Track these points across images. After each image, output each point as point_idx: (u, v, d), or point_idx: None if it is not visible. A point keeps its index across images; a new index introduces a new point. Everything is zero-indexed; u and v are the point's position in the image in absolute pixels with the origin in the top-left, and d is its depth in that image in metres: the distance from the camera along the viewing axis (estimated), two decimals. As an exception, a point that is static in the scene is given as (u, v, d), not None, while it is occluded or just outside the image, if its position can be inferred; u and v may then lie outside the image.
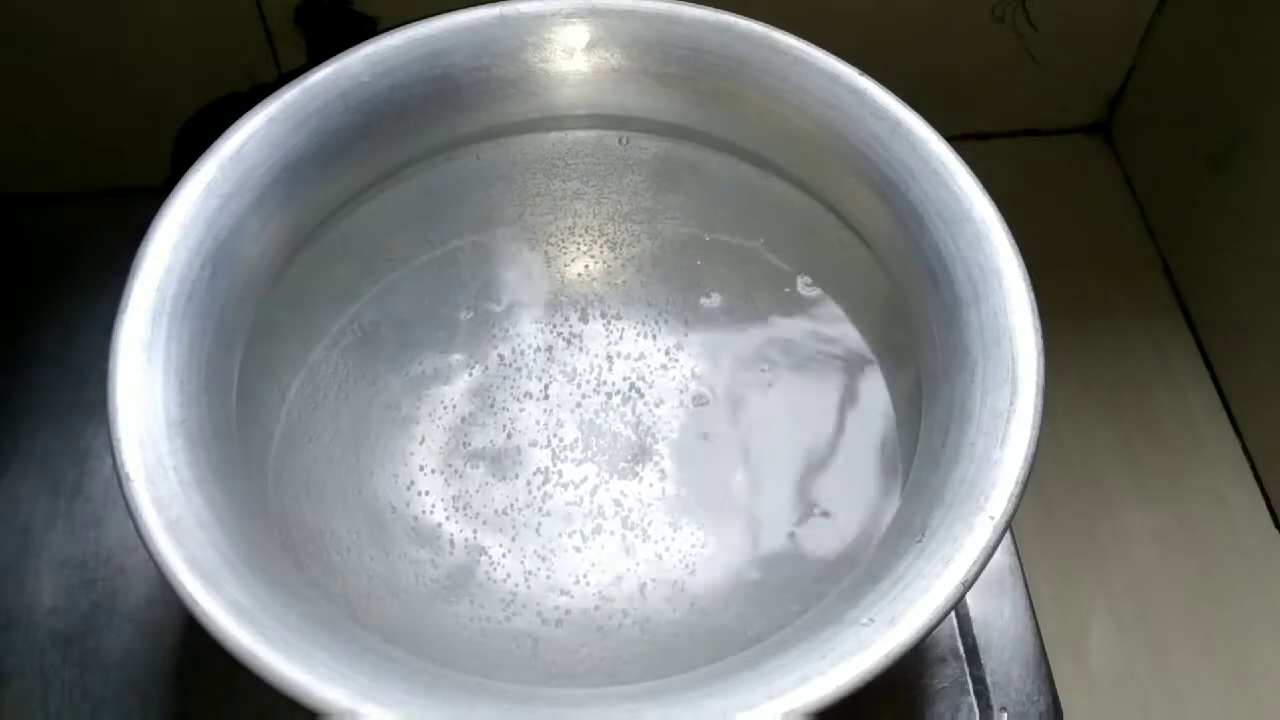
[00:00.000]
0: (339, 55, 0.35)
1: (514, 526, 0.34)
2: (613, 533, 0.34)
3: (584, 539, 0.34)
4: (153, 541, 0.26)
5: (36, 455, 0.41)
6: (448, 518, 0.34)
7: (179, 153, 0.52)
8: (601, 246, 0.40)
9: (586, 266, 0.40)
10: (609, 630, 0.32)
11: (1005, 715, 0.36)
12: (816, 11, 0.47)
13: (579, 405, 0.37)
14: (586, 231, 0.40)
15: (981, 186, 0.32)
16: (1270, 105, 0.57)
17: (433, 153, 0.38)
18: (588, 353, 0.38)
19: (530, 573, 0.33)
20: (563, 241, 0.40)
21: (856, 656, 0.25)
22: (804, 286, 0.38)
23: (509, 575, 0.33)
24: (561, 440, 0.36)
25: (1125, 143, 0.70)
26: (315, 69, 0.34)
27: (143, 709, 0.36)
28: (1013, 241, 0.31)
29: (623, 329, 0.38)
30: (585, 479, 0.35)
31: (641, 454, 0.36)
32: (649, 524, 0.35)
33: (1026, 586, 0.39)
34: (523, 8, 0.36)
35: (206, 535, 0.26)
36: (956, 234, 0.32)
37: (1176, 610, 0.57)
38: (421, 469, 0.35)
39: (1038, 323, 0.30)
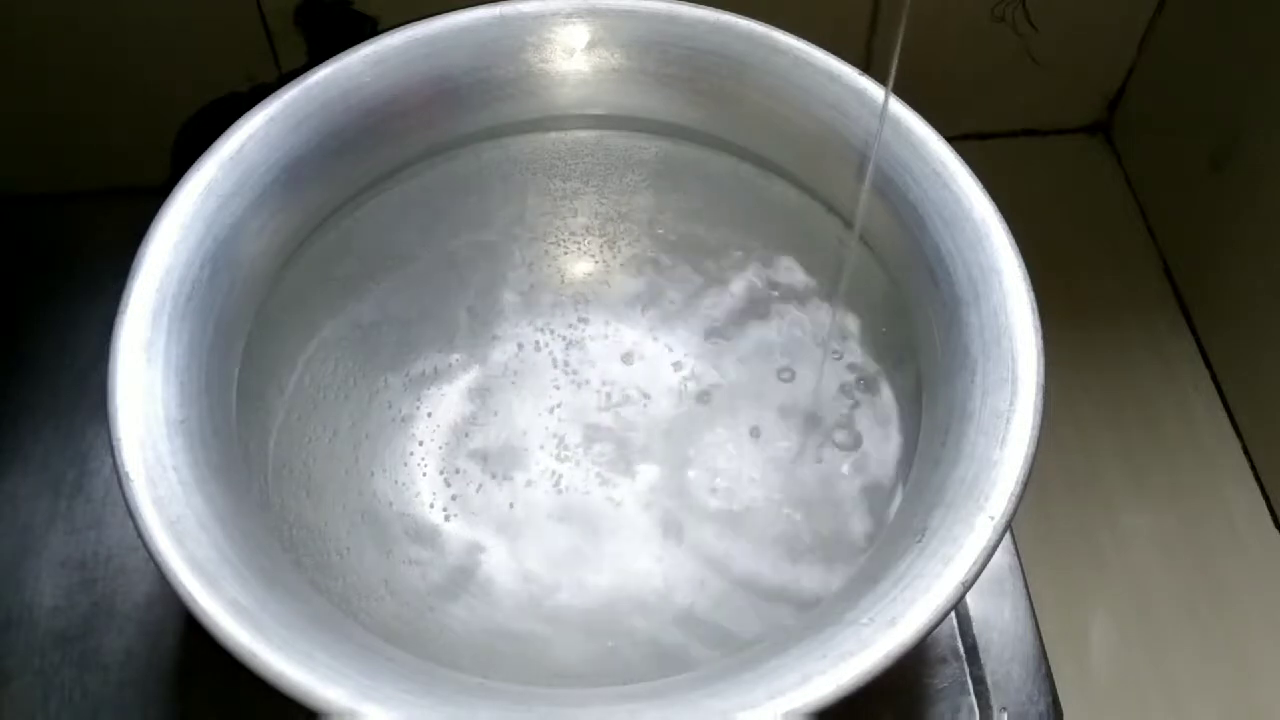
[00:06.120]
0: (339, 55, 0.35)
1: (514, 526, 0.34)
2: (612, 533, 0.34)
3: (583, 539, 0.34)
4: (153, 541, 0.26)
5: (36, 455, 0.41)
6: (448, 518, 0.34)
7: (179, 153, 0.52)
8: (601, 246, 0.40)
9: (586, 266, 0.40)
10: (609, 630, 0.32)
11: (1005, 715, 0.36)
12: (816, 11, 0.47)
13: (579, 405, 0.37)
14: (586, 231, 0.40)
15: (981, 186, 0.32)
16: (1270, 105, 0.57)
17: (433, 153, 0.38)
18: (588, 353, 0.38)
19: (530, 573, 0.33)
20: (563, 241, 0.40)
21: (856, 656, 0.25)
22: (804, 286, 0.38)
23: (509, 575, 0.33)
24: (561, 440, 0.36)
25: (1125, 143, 0.70)
26: (315, 69, 0.34)
27: (143, 709, 0.36)
28: (1012, 241, 0.31)
29: (622, 329, 0.38)
30: (585, 479, 0.35)
31: (641, 454, 0.36)
32: (649, 524, 0.34)
33: (1026, 586, 0.39)
34: (523, 8, 0.36)
35: (206, 535, 0.26)
36: (956, 234, 0.32)
37: (1176, 610, 0.57)
38: (421, 469, 0.35)
39: (1038, 323, 0.30)
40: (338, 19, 0.52)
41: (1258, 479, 0.60)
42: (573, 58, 0.37)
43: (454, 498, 0.35)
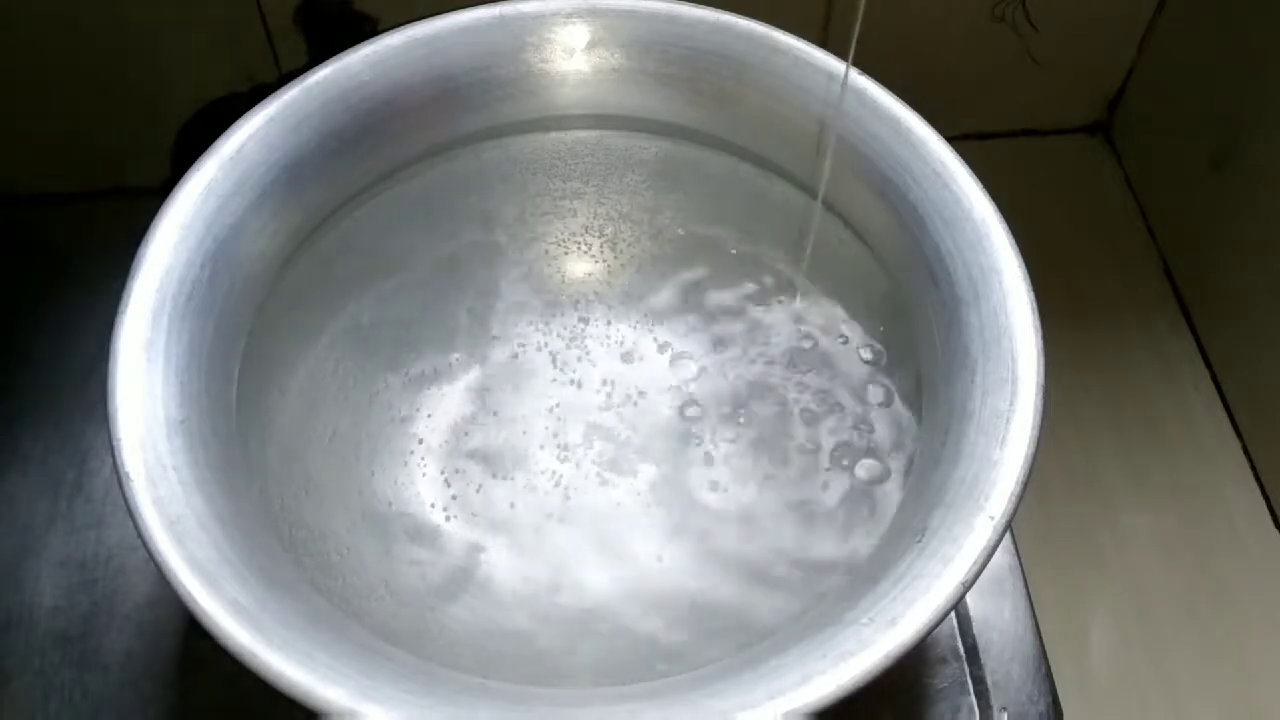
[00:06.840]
0: (339, 55, 0.35)
1: (513, 526, 0.34)
2: (613, 533, 0.34)
3: (584, 539, 0.34)
4: (153, 541, 0.26)
5: (36, 455, 0.41)
6: (447, 518, 0.34)
7: (179, 153, 0.52)
8: (601, 246, 0.40)
9: (586, 266, 0.40)
10: (609, 630, 0.32)
11: (1005, 715, 0.36)
12: (816, 11, 0.47)
13: (579, 405, 0.37)
14: (586, 231, 0.40)
15: (981, 186, 0.32)
16: (1270, 105, 0.58)
17: (433, 153, 0.38)
18: (588, 353, 0.38)
19: (529, 573, 0.33)
20: (563, 241, 0.40)
21: (856, 656, 0.25)
22: (804, 286, 0.38)
23: (508, 575, 0.33)
24: (561, 440, 0.36)
25: (1125, 143, 0.70)
26: (315, 69, 0.34)
27: (143, 709, 0.36)
28: (1012, 241, 0.31)
29: (622, 329, 0.38)
30: (585, 479, 0.35)
31: (641, 454, 0.36)
32: (649, 524, 0.34)
33: (1026, 586, 0.39)
34: (523, 8, 0.36)
35: (206, 535, 0.26)
36: (956, 234, 0.32)
37: (1176, 610, 0.57)
38: (421, 469, 0.35)
39: (1038, 323, 0.30)
40: (338, 19, 0.52)
41: (1258, 479, 0.60)
42: (573, 58, 0.37)
43: (454, 498, 0.35)
